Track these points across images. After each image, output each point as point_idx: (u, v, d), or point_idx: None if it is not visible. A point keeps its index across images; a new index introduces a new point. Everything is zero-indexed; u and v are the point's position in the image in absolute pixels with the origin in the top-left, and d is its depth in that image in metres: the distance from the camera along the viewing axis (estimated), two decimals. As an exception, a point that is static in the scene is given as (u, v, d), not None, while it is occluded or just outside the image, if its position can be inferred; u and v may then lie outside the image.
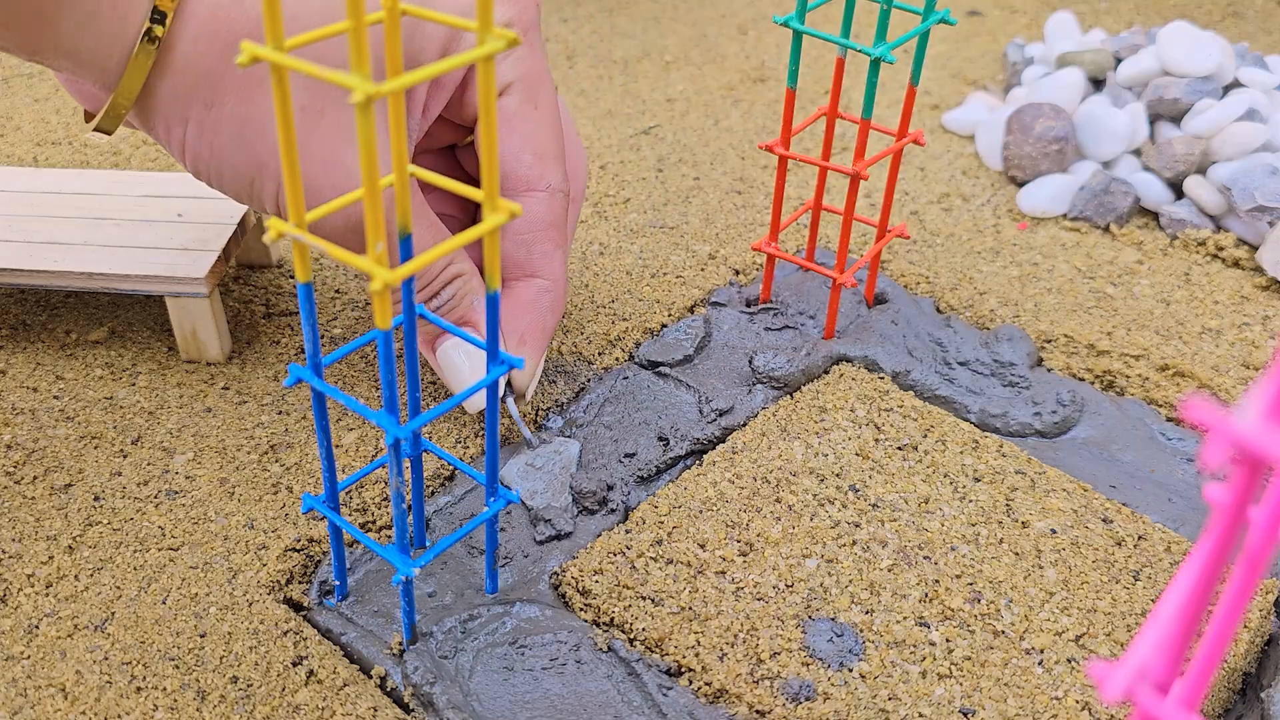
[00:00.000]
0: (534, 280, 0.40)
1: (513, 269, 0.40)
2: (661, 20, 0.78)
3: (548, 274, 0.40)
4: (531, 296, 0.40)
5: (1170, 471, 0.42)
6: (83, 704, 0.32)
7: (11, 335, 0.46)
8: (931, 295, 0.50)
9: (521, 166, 0.39)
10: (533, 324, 0.40)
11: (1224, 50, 0.58)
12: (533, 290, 0.40)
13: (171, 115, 0.36)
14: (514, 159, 0.39)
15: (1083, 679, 0.33)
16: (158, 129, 0.37)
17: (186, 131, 0.36)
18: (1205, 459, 0.13)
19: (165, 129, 0.36)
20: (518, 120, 0.39)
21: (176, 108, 0.35)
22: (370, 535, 0.38)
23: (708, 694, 0.33)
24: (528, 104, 0.39)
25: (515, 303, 0.40)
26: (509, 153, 0.39)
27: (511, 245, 0.40)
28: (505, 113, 0.38)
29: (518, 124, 0.39)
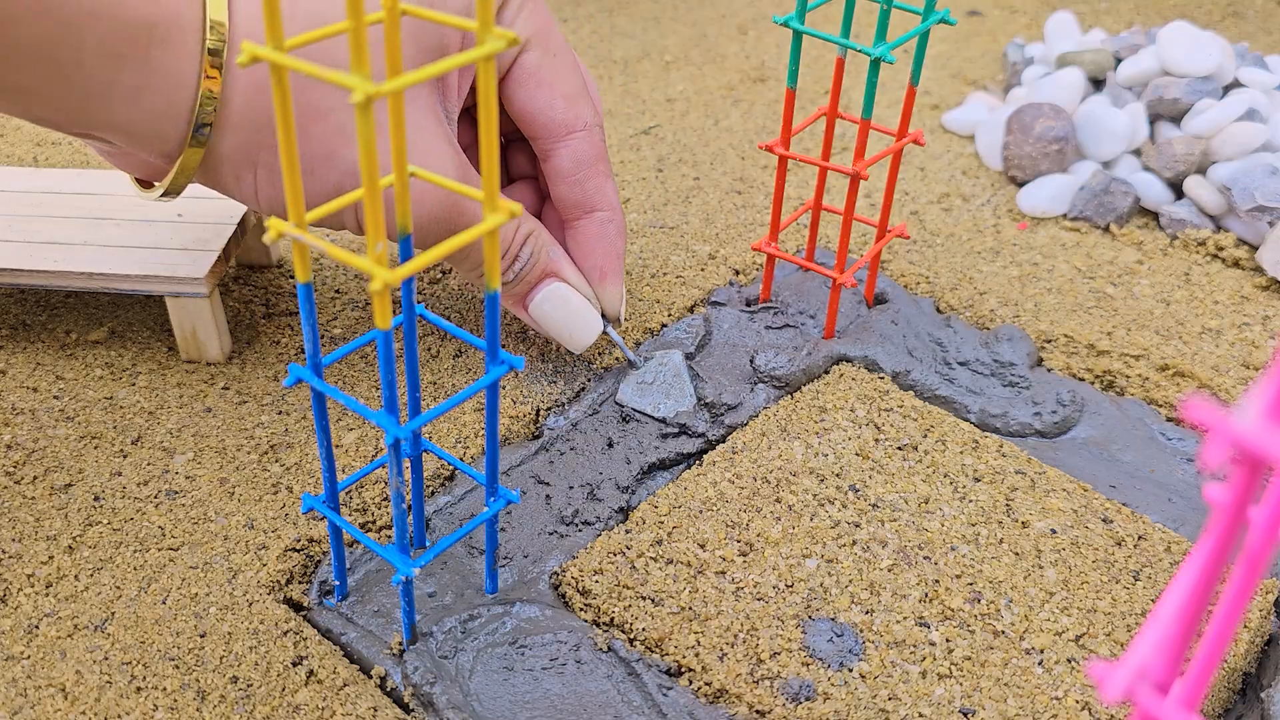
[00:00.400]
0: (595, 214, 0.43)
1: (572, 209, 0.43)
2: (661, 20, 0.78)
3: (605, 205, 0.43)
4: (598, 230, 0.43)
5: (1170, 471, 0.42)
6: (83, 704, 0.32)
7: (11, 335, 0.46)
8: (931, 295, 0.50)
9: (557, 113, 0.41)
10: (607, 254, 0.43)
11: (1224, 50, 0.58)
12: (597, 224, 0.43)
13: (240, 166, 0.36)
14: (548, 108, 0.41)
15: (1083, 679, 0.33)
16: (226, 181, 0.37)
17: (256, 177, 0.37)
18: (1205, 459, 0.13)
19: (234, 179, 0.37)
20: (543, 72, 0.41)
21: (243, 158, 0.36)
22: (370, 535, 0.38)
23: (708, 694, 0.33)
24: (547, 55, 0.41)
25: (584, 239, 0.43)
26: (542, 104, 0.41)
27: (566, 188, 0.42)
28: (529, 68, 0.40)
29: (544, 75, 0.41)
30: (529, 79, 0.40)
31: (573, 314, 0.42)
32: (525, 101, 0.41)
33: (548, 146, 0.42)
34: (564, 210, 0.43)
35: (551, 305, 0.42)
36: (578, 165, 0.42)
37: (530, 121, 0.41)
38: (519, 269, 0.41)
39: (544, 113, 0.41)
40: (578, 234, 0.43)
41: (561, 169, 0.42)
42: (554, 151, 0.42)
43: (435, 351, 0.46)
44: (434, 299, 0.49)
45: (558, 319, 0.42)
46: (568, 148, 0.41)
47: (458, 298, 0.49)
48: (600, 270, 0.43)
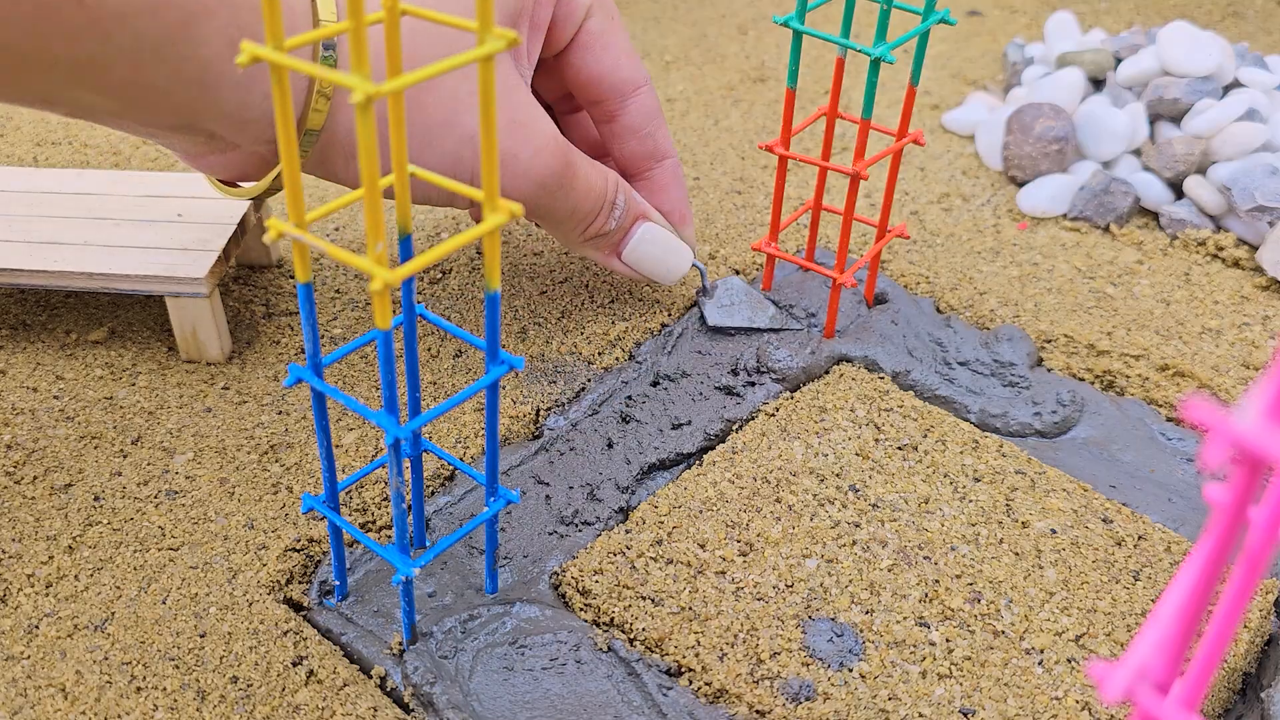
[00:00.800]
0: (665, 161, 0.45)
1: (643, 160, 0.45)
2: (661, 20, 0.78)
3: (671, 152, 0.45)
4: (671, 175, 0.45)
5: (1170, 471, 0.42)
6: (83, 704, 0.32)
7: (11, 335, 0.46)
8: (931, 295, 0.50)
9: (624, 72, 0.43)
10: (681, 197, 0.46)
11: (1224, 50, 0.58)
12: (669, 170, 0.45)
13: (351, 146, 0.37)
14: (615, 68, 0.43)
15: (1083, 679, 0.33)
16: (335, 165, 0.38)
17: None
18: (1205, 459, 0.13)
19: (344, 162, 0.37)
20: (608, 36, 0.43)
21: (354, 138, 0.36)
22: (370, 535, 0.38)
23: (708, 694, 0.33)
24: (608, 19, 0.43)
25: (659, 186, 0.45)
26: (610, 65, 0.43)
27: (638, 142, 0.44)
28: (595, 33, 0.42)
29: (609, 39, 0.43)
30: (595, 43, 0.42)
31: (667, 249, 0.45)
32: (593, 65, 0.42)
33: (616, 106, 0.43)
34: (633, 163, 0.45)
35: (647, 245, 0.44)
36: (647, 118, 0.44)
37: (599, 84, 0.43)
38: (618, 215, 0.43)
39: (613, 73, 0.42)
40: (651, 183, 0.45)
41: (633, 124, 0.44)
42: (623, 109, 0.43)
43: (435, 351, 0.46)
44: (434, 299, 0.49)
45: (655, 256, 0.44)
46: (636, 103, 0.43)
47: (458, 298, 0.49)
48: (680, 212, 0.46)
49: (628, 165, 0.45)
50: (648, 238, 0.44)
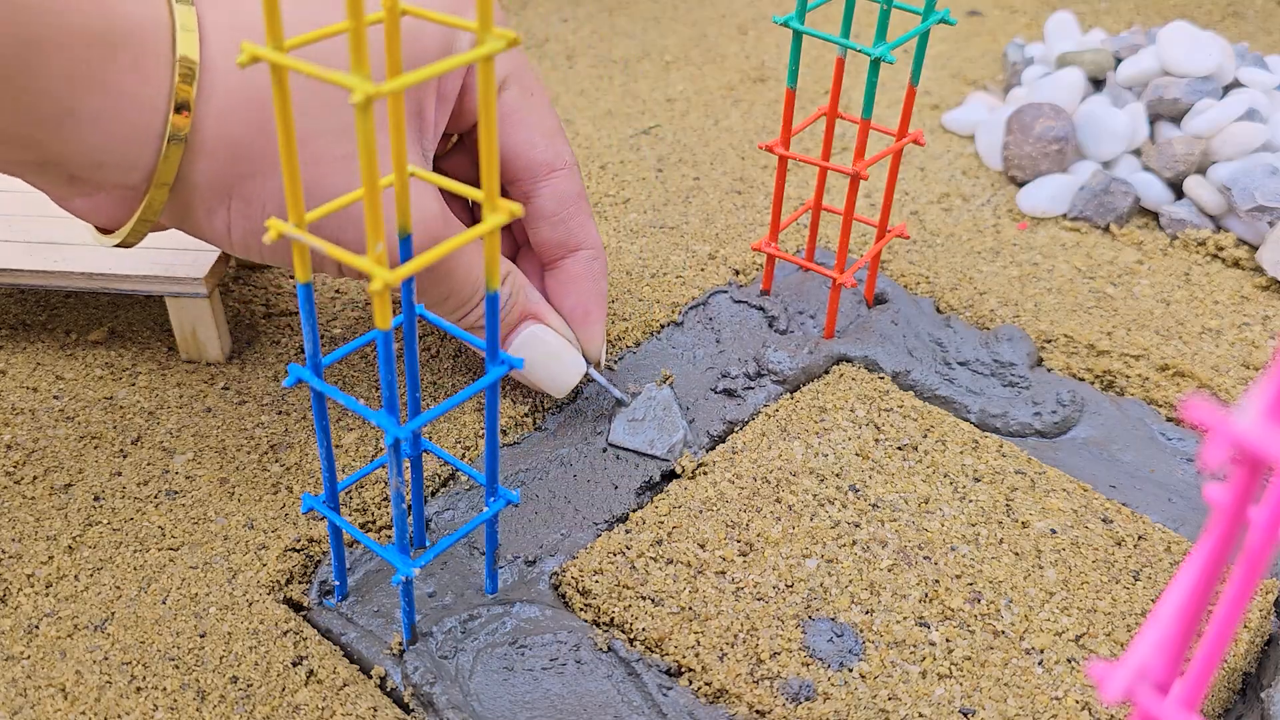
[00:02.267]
0: (579, 253, 0.42)
1: (555, 249, 0.42)
2: (661, 20, 0.78)
3: (589, 243, 0.42)
4: (583, 269, 0.42)
5: (1170, 471, 0.42)
6: (83, 704, 0.32)
7: (11, 335, 0.46)
8: (931, 295, 0.50)
9: (537, 152, 0.40)
10: (590, 293, 0.42)
11: (1224, 50, 0.58)
12: (581, 263, 0.42)
13: (213, 197, 0.34)
14: (529, 146, 0.40)
15: (1083, 679, 0.33)
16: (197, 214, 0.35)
17: (230, 210, 0.35)
18: (1205, 459, 0.13)
19: (206, 214, 0.35)
20: (523, 112, 0.40)
21: (218, 188, 0.34)
22: (370, 535, 0.38)
23: (708, 694, 0.33)
24: (525, 94, 0.40)
25: (568, 278, 0.42)
26: (523, 143, 0.40)
27: (549, 229, 0.41)
28: (507, 107, 0.39)
29: (523, 115, 0.40)
30: (508, 118, 0.39)
31: (551, 356, 0.41)
32: (504, 141, 0.39)
33: (529, 187, 0.40)
34: (546, 251, 0.42)
35: (531, 349, 0.40)
36: (561, 204, 0.41)
37: (511, 163, 0.40)
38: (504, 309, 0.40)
39: (525, 152, 0.40)
40: (560, 274, 0.42)
41: (544, 208, 0.41)
42: (536, 191, 0.40)
43: (435, 351, 0.46)
44: (434, 299, 0.49)
45: (537, 362, 0.41)
46: (550, 186, 0.40)
47: (458, 298, 0.49)
48: (584, 310, 0.42)
49: (541, 253, 0.42)
50: (531, 341, 0.40)
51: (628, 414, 0.42)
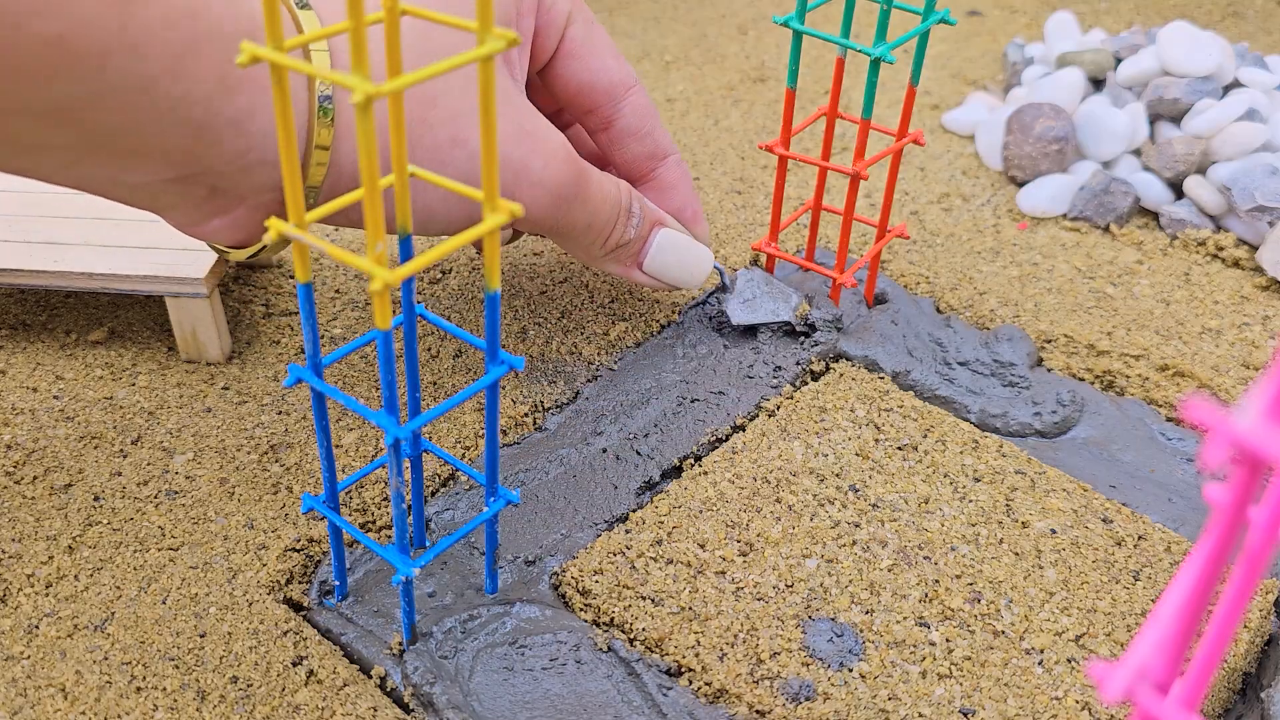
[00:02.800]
0: (667, 160, 0.44)
1: (645, 161, 0.44)
2: (661, 20, 0.77)
3: (672, 148, 0.44)
4: (676, 173, 0.44)
5: (1170, 471, 0.42)
6: (83, 704, 0.32)
7: (11, 335, 0.46)
8: (931, 295, 0.50)
9: (613, 74, 0.42)
10: (690, 194, 0.45)
11: (1224, 50, 0.58)
12: (673, 168, 0.44)
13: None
14: (605, 71, 0.42)
15: (1083, 679, 0.33)
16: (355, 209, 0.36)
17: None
18: (1205, 459, 0.13)
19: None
20: (591, 41, 0.42)
21: None
22: (370, 535, 0.38)
23: (708, 694, 0.33)
24: (588, 24, 0.42)
25: (665, 185, 0.44)
26: (598, 69, 0.42)
27: (636, 143, 0.43)
28: (579, 40, 0.41)
29: (593, 44, 0.42)
30: (580, 50, 0.41)
31: (688, 253, 0.43)
32: (581, 71, 0.41)
33: (610, 110, 0.42)
34: (636, 166, 0.44)
35: (668, 252, 0.43)
36: (643, 118, 0.43)
37: (590, 90, 0.42)
38: (635, 223, 0.41)
39: (603, 76, 0.42)
40: (657, 183, 0.44)
41: (630, 125, 0.43)
42: (618, 112, 0.42)
43: (435, 351, 0.46)
44: (434, 299, 0.49)
45: (676, 262, 0.43)
46: (629, 104, 0.42)
47: (458, 298, 0.49)
48: (692, 211, 0.44)
49: (631, 170, 0.44)
50: (666, 244, 0.43)
51: (737, 298, 0.45)
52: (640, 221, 0.42)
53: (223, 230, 0.36)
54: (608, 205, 0.40)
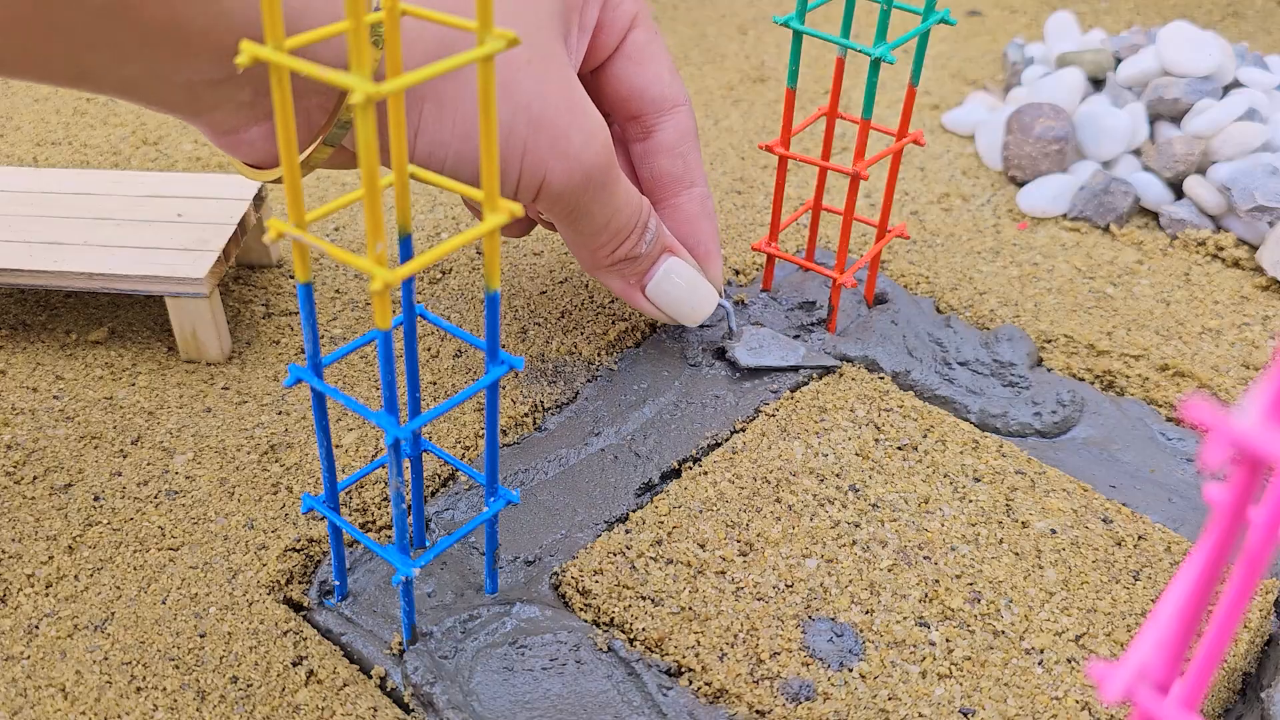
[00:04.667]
0: (695, 189, 0.43)
1: (673, 184, 0.43)
2: (661, 20, 0.77)
3: (703, 179, 0.43)
4: (700, 206, 0.43)
5: (1170, 471, 0.42)
6: (83, 704, 0.32)
7: (11, 335, 0.46)
8: (931, 295, 0.50)
9: (664, 87, 0.42)
10: (710, 231, 0.43)
11: (1224, 50, 0.58)
12: (698, 201, 0.43)
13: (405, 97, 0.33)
14: (658, 82, 0.41)
15: (1083, 679, 0.33)
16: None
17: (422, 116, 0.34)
18: (1205, 459, 0.13)
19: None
20: (651, 48, 0.41)
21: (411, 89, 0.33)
22: (370, 535, 0.38)
23: (708, 694, 0.33)
24: (650, 33, 0.41)
25: (687, 216, 0.43)
26: (652, 79, 0.41)
27: (669, 162, 0.42)
28: (639, 44, 0.41)
29: (652, 51, 0.41)
30: (639, 54, 0.41)
31: (693, 288, 0.42)
32: (636, 77, 0.41)
33: (653, 121, 0.42)
34: (662, 187, 0.43)
35: (671, 282, 0.42)
36: (682, 137, 0.42)
37: (640, 96, 0.41)
38: (649, 239, 0.41)
39: (653, 87, 0.41)
40: (679, 211, 0.43)
41: (666, 142, 0.42)
42: (659, 125, 0.42)
43: (435, 351, 0.46)
44: (434, 299, 0.49)
45: (679, 294, 0.42)
46: (672, 120, 0.42)
47: (458, 298, 0.49)
48: (706, 247, 0.43)
49: (656, 189, 0.43)
50: (674, 273, 0.42)
51: (745, 344, 0.45)
52: (654, 240, 0.41)
53: (258, 140, 0.35)
54: (629, 209, 0.39)
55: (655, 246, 0.41)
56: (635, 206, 0.39)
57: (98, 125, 0.62)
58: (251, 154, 0.35)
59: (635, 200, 0.39)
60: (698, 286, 0.43)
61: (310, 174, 0.36)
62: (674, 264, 0.42)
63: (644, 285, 0.42)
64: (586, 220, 0.39)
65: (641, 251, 0.41)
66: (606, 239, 0.40)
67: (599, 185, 0.37)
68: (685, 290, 0.42)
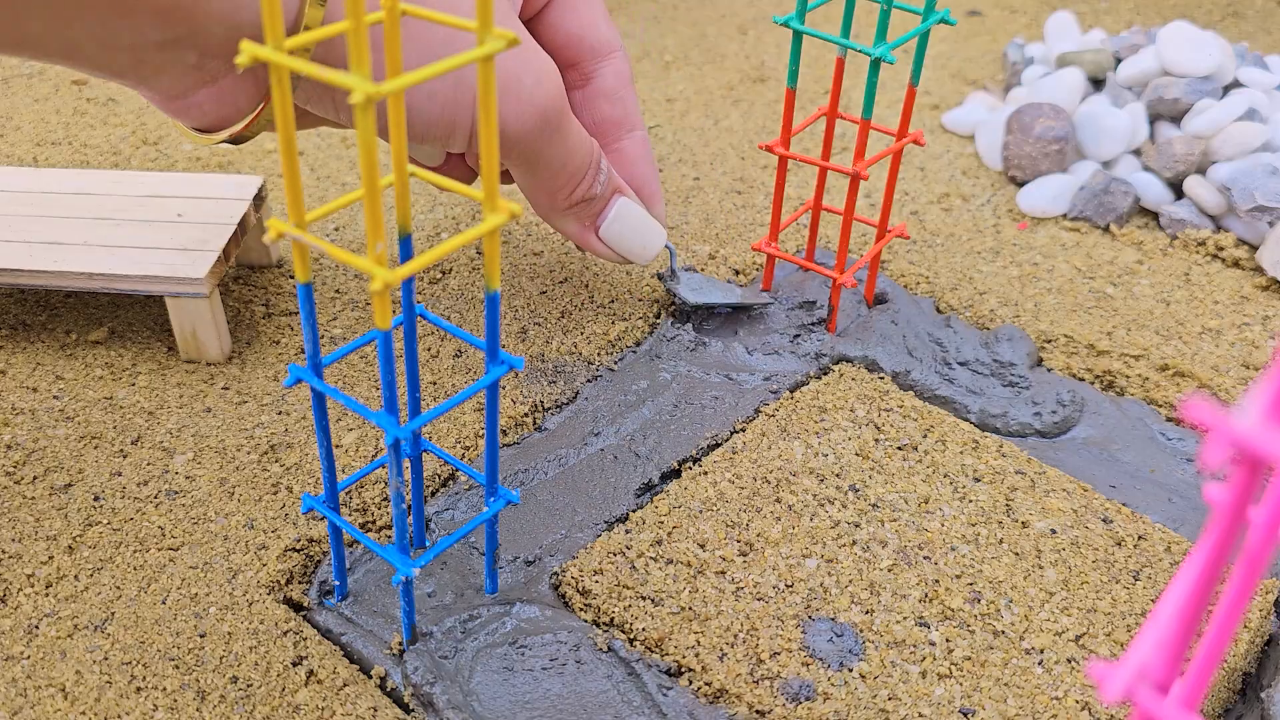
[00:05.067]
0: (635, 132, 0.44)
1: (614, 128, 0.44)
2: (661, 20, 0.77)
3: (640, 124, 0.44)
4: (641, 149, 0.44)
5: (1170, 471, 0.42)
6: (83, 704, 0.32)
7: (11, 335, 0.46)
8: (931, 295, 0.50)
9: (601, 33, 0.42)
10: (651, 172, 0.44)
11: (1224, 50, 0.58)
12: (639, 143, 0.44)
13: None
14: (594, 28, 0.42)
15: (1083, 679, 0.33)
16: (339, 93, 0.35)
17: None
18: (1205, 459, 0.13)
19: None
20: None
21: None
22: (370, 535, 0.38)
23: (708, 694, 0.33)
24: None
25: (629, 158, 0.44)
26: (588, 24, 0.42)
27: (610, 105, 0.43)
28: None
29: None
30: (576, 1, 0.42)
31: (644, 225, 0.43)
32: (572, 23, 0.42)
33: (592, 67, 0.42)
34: (604, 133, 0.44)
35: (625, 220, 0.43)
36: (620, 81, 0.43)
37: (578, 43, 0.42)
38: (602, 180, 0.41)
39: (590, 33, 0.42)
40: (622, 155, 0.44)
41: (606, 87, 0.43)
42: (598, 70, 0.42)
43: (435, 351, 0.46)
44: (434, 299, 0.49)
45: (632, 232, 0.43)
46: (611, 65, 0.43)
47: (458, 298, 0.49)
48: (650, 188, 0.44)
49: (598, 134, 0.44)
50: (625, 213, 0.43)
51: (686, 285, 0.46)
52: (606, 180, 0.42)
53: (207, 103, 0.34)
54: (583, 150, 0.40)
55: (608, 187, 0.42)
56: (589, 147, 0.40)
57: (98, 125, 0.62)
58: (202, 118, 0.35)
59: (587, 141, 0.40)
60: (648, 224, 0.44)
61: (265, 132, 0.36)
62: (624, 204, 0.43)
63: (598, 227, 0.43)
64: (544, 164, 0.39)
65: (597, 192, 0.42)
66: (564, 180, 0.40)
67: (554, 128, 0.38)
68: (637, 228, 0.43)
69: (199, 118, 0.35)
